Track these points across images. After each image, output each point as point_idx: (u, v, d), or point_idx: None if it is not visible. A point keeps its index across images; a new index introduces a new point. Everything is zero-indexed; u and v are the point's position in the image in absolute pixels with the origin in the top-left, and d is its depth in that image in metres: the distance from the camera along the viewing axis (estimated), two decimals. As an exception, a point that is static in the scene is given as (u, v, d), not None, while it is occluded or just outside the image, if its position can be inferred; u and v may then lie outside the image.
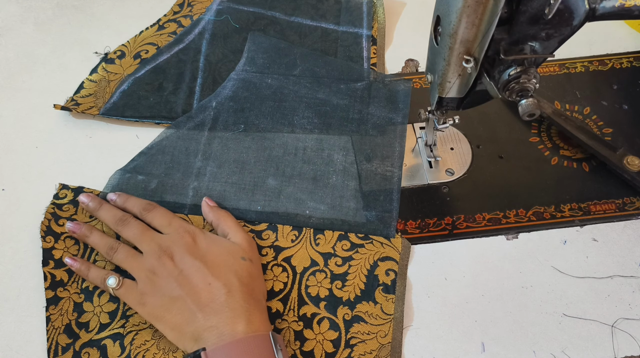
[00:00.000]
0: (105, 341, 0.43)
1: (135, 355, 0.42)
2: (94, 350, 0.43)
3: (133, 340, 0.43)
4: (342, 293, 0.45)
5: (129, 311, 0.44)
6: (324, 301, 0.45)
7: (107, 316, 0.44)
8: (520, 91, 0.35)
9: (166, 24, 0.64)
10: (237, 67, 0.59)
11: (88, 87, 0.58)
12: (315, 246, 0.47)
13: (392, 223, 0.48)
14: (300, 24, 0.63)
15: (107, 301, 0.45)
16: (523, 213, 0.49)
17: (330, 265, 0.46)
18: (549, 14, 0.32)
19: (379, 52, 0.61)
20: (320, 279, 0.46)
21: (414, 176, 0.52)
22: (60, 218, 0.49)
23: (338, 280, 0.46)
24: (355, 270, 0.46)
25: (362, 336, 0.43)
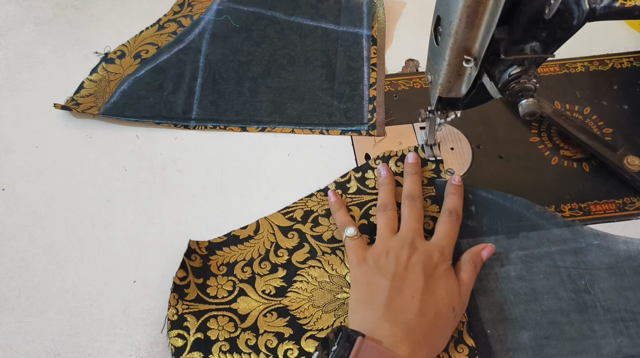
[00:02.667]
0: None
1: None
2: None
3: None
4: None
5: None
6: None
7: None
8: (520, 91, 0.35)
9: (166, 24, 0.64)
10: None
11: (88, 87, 0.58)
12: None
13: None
14: (301, 23, 0.63)
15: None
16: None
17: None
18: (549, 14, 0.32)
19: (379, 52, 0.61)
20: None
21: (414, 176, 0.52)
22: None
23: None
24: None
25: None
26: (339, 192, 0.51)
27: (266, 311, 0.45)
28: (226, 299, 0.45)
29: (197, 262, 0.46)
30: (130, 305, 0.46)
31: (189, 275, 0.45)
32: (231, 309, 0.45)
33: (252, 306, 0.45)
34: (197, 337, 0.43)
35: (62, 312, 0.45)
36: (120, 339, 0.44)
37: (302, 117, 0.56)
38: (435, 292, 0.40)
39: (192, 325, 0.43)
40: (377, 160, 0.52)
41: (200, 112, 0.57)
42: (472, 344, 0.42)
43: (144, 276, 0.47)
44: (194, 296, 0.45)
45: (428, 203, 0.49)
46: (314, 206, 0.50)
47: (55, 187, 0.52)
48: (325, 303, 0.45)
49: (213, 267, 0.47)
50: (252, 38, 0.62)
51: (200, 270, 0.46)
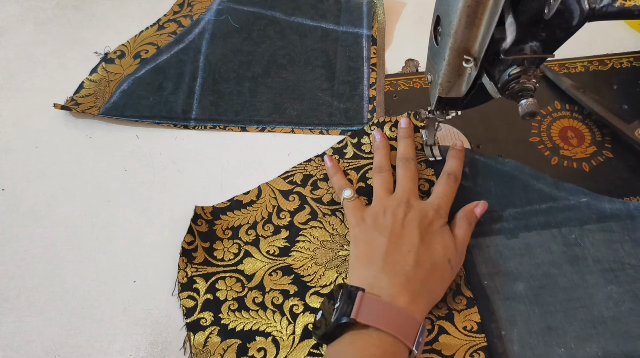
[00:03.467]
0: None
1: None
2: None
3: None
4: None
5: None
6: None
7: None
8: (520, 91, 0.35)
9: (166, 24, 0.64)
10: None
11: (88, 87, 0.58)
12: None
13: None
14: (301, 24, 0.63)
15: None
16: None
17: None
18: (549, 14, 0.32)
19: (379, 52, 0.61)
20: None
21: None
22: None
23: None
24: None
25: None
26: (336, 157, 0.53)
27: (271, 270, 0.47)
28: (232, 261, 0.47)
29: (203, 226, 0.48)
30: (130, 305, 0.46)
31: (196, 239, 0.47)
32: (238, 270, 0.47)
33: (257, 266, 0.47)
34: (206, 298, 0.45)
35: (62, 312, 0.45)
36: (120, 339, 0.44)
37: (302, 117, 0.56)
38: (431, 245, 0.43)
39: (201, 287, 0.46)
40: (372, 126, 0.54)
41: (200, 112, 0.57)
42: (470, 295, 0.44)
43: (144, 276, 0.47)
44: (201, 259, 0.47)
45: (422, 166, 0.51)
46: (312, 170, 0.52)
47: (55, 187, 0.52)
48: (327, 261, 0.47)
49: (218, 231, 0.49)
50: (252, 38, 0.62)
51: (206, 235, 0.48)
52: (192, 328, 0.44)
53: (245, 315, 0.44)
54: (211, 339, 0.43)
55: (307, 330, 0.43)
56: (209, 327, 0.44)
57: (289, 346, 0.43)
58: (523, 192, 0.49)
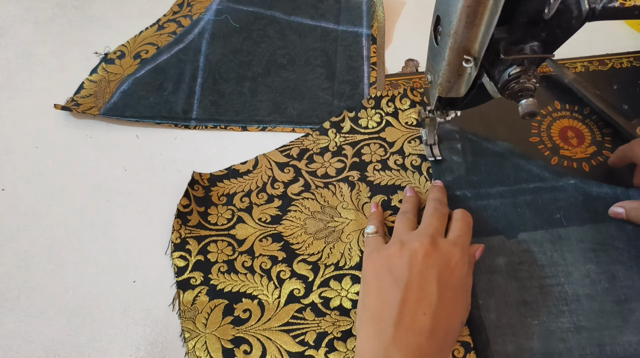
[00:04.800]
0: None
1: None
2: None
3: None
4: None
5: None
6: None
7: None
8: (520, 91, 0.35)
9: (166, 24, 0.64)
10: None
11: (88, 88, 0.58)
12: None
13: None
14: (300, 23, 0.63)
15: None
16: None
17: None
18: (549, 14, 0.32)
19: (378, 51, 0.61)
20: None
21: (414, 176, 0.52)
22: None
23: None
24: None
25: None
26: (333, 130, 0.54)
27: (262, 237, 0.48)
28: (225, 226, 0.49)
29: (199, 192, 0.50)
30: (130, 305, 0.46)
31: (191, 203, 0.49)
32: (230, 235, 0.49)
33: (249, 232, 0.49)
34: (197, 259, 0.47)
35: (62, 312, 0.45)
36: (120, 339, 0.44)
37: (303, 116, 0.56)
38: (448, 306, 0.38)
39: (193, 248, 0.47)
40: (370, 100, 0.56)
41: (200, 111, 0.57)
42: None
43: (144, 276, 0.47)
44: (195, 222, 0.49)
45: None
46: (309, 145, 0.54)
47: (55, 187, 0.52)
48: (316, 231, 0.48)
49: (214, 197, 0.51)
50: (252, 38, 0.62)
51: (202, 200, 0.50)
52: (182, 286, 0.46)
53: (234, 277, 0.46)
54: (200, 298, 0.45)
55: (292, 295, 0.45)
56: (198, 286, 0.46)
57: (274, 309, 0.44)
58: (513, 171, 0.50)
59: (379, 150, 0.53)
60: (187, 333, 0.44)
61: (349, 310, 0.44)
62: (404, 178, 0.51)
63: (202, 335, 0.44)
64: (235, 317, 0.44)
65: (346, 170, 0.52)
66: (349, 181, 0.51)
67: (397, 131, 0.54)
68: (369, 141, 0.53)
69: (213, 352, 0.43)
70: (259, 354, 0.43)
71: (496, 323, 0.43)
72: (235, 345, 0.43)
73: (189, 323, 0.44)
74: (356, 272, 0.46)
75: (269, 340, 0.43)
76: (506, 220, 0.48)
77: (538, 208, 0.48)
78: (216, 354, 0.43)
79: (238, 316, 0.44)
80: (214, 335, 0.44)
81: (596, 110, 0.54)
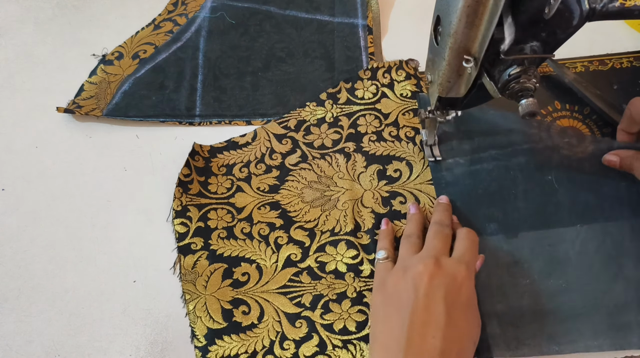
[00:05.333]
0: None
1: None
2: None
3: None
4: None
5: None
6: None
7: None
8: (520, 91, 0.35)
9: (162, 23, 0.65)
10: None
11: (88, 90, 0.59)
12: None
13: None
14: (296, 17, 0.64)
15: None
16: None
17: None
18: (549, 14, 0.32)
19: (375, 41, 0.62)
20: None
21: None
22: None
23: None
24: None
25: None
26: (330, 102, 0.56)
27: (260, 205, 0.50)
28: (225, 195, 0.51)
29: (200, 162, 0.52)
30: (130, 305, 0.46)
31: (192, 173, 0.51)
32: (229, 203, 0.50)
33: (247, 201, 0.51)
34: (198, 225, 0.49)
35: (62, 312, 0.45)
36: (120, 339, 0.44)
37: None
38: (458, 325, 0.37)
39: (194, 215, 0.49)
40: (366, 71, 0.57)
41: (203, 108, 0.57)
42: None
43: (144, 276, 0.47)
44: (196, 191, 0.51)
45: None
46: (306, 116, 0.55)
47: (55, 187, 0.52)
48: (313, 200, 0.50)
49: (214, 168, 0.52)
50: (249, 33, 0.63)
51: (202, 170, 0.52)
52: (182, 251, 0.47)
53: (233, 243, 0.48)
54: (200, 262, 0.47)
55: (289, 259, 0.47)
56: (199, 251, 0.47)
57: (272, 273, 0.46)
58: (505, 136, 0.50)
59: (374, 122, 0.55)
60: (188, 295, 0.45)
61: (343, 273, 0.46)
62: (398, 148, 0.53)
63: (202, 296, 0.45)
64: (234, 280, 0.46)
65: (342, 141, 0.54)
66: (345, 152, 0.53)
67: (393, 102, 0.56)
68: (365, 112, 0.55)
69: (212, 312, 0.44)
70: (257, 315, 0.44)
71: (486, 284, 0.44)
72: (234, 306, 0.45)
73: (190, 286, 0.46)
74: (351, 238, 0.48)
75: (267, 302, 0.45)
76: (498, 184, 0.49)
77: (531, 171, 0.49)
78: (216, 314, 0.44)
79: (237, 279, 0.46)
80: (213, 296, 0.45)
81: (596, 110, 0.54)
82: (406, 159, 0.52)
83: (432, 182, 0.50)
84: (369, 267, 0.46)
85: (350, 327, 0.43)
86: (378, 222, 0.48)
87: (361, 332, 0.43)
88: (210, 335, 0.43)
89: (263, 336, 0.43)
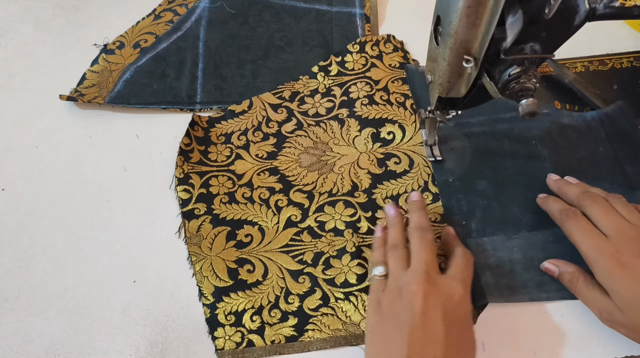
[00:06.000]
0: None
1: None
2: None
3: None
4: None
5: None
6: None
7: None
8: (520, 91, 0.35)
9: (162, 13, 0.66)
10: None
11: (90, 78, 0.59)
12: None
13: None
14: (295, 6, 0.65)
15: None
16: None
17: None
18: (549, 14, 0.32)
19: (372, 29, 0.63)
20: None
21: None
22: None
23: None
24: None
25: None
26: (322, 74, 0.58)
27: (259, 171, 0.52)
28: (225, 162, 0.53)
29: (199, 132, 0.54)
30: (130, 305, 0.46)
31: (192, 142, 0.53)
32: (229, 170, 0.52)
33: (247, 167, 0.53)
34: (200, 192, 0.51)
35: (62, 312, 0.45)
36: (120, 339, 0.44)
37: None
38: (458, 345, 0.36)
39: (196, 182, 0.51)
40: (355, 45, 0.60)
41: (204, 95, 0.58)
42: (436, 191, 0.50)
43: (144, 276, 0.47)
44: (197, 159, 0.53)
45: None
46: (300, 88, 0.58)
47: (55, 187, 0.52)
48: (310, 164, 0.53)
49: (213, 137, 0.54)
50: (249, 23, 0.64)
51: (202, 139, 0.54)
52: (187, 216, 0.49)
53: (235, 207, 0.50)
54: (204, 226, 0.49)
55: (290, 220, 0.49)
56: (202, 216, 0.49)
57: (273, 233, 0.48)
58: (491, 105, 0.50)
59: (365, 87, 0.57)
60: (194, 256, 0.47)
61: (342, 230, 0.48)
62: (390, 111, 0.55)
63: (208, 257, 0.47)
64: (238, 241, 0.48)
65: (335, 108, 0.56)
66: (339, 119, 0.55)
67: (382, 71, 0.58)
68: (356, 80, 0.58)
69: (218, 272, 0.46)
70: (261, 272, 0.46)
71: (477, 241, 0.47)
72: (239, 265, 0.47)
73: (195, 248, 0.48)
74: (348, 198, 0.50)
75: (270, 260, 0.47)
76: (486, 146, 0.52)
77: (515, 136, 0.52)
78: (222, 273, 0.46)
79: (240, 240, 0.48)
80: (219, 257, 0.47)
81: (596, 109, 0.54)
82: (398, 121, 0.55)
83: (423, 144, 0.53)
84: (366, 224, 0.48)
85: (351, 279, 0.46)
86: (375, 182, 0.51)
87: (361, 284, 0.45)
88: (218, 292, 0.45)
89: (268, 292, 0.46)
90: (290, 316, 0.44)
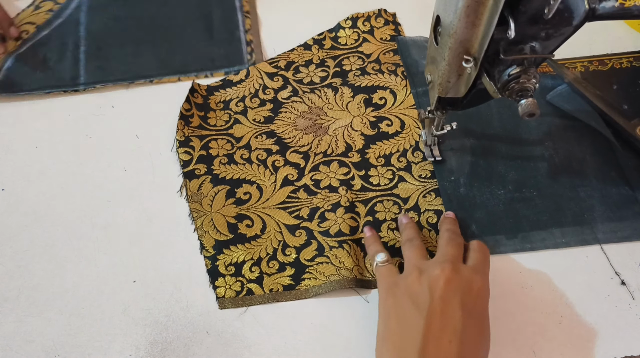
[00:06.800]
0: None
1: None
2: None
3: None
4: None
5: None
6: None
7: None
8: (520, 91, 0.35)
9: (42, 4, 0.68)
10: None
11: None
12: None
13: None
14: None
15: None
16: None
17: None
18: (549, 14, 0.32)
19: (250, 1, 0.67)
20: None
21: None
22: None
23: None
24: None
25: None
26: (316, 46, 0.61)
27: (257, 134, 0.55)
28: (224, 127, 0.56)
29: (199, 99, 0.57)
30: (130, 305, 0.46)
31: (192, 108, 0.56)
32: (228, 134, 0.55)
33: (245, 131, 0.55)
34: (200, 153, 0.53)
35: (62, 312, 0.45)
36: (120, 339, 0.44)
37: (187, 66, 0.61)
38: (474, 335, 0.36)
39: (196, 145, 0.54)
40: (347, 21, 0.63)
41: (87, 76, 0.60)
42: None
43: (144, 276, 0.47)
44: (197, 124, 0.55)
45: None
46: (295, 58, 0.61)
47: (55, 187, 0.52)
48: (306, 127, 0.55)
49: (212, 104, 0.57)
50: (129, 4, 0.67)
51: (201, 106, 0.57)
52: (188, 176, 0.52)
53: (234, 167, 0.53)
54: (204, 185, 0.51)
55: (287, 179, 0.52)
56: (203, 176, 0.52)
57: (271, 191, 0.51)
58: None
59: (357, 61, 0.60)
60: (195, 213, 0.50)
61: (337, 187, 0.51)
62: (382, 79, 0.58)
63: (209, 213, 0.50)
64: (237, 198, 0.51)
65: (329, 77, 0.59)
66: (333, 86, 0.58)
67: (373, 45, 0.62)
68: (349, 54, 0.61)
69: (219, 226, 0.49)
70: (260, 227, 0.49)
71: (466, 195, 0.50)
72: (239, 221, 0.49)
73: (196, 205, 0.50)
74: (342, 158, 0.53)
75: (268, 216, 0.50)
76: (475, 109, 0.50)
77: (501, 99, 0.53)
78: (222, 228, 0.49)
79: (239, 198, 0.51)
80: (219, 213, 0.50)
81: (596, 110, 0.54)
82: (390, 87, 0.58)
83: (415, 106, 0.56)
84: (359, 181, 0.51)
85: (344, 230, 0.48)
86: (368, 143, 0.54)
87: (354, 234, 0.48)
88: (218, 245, 0.48)
89: (266, 245, 0.48)
90: (288, 266, 0.47)
